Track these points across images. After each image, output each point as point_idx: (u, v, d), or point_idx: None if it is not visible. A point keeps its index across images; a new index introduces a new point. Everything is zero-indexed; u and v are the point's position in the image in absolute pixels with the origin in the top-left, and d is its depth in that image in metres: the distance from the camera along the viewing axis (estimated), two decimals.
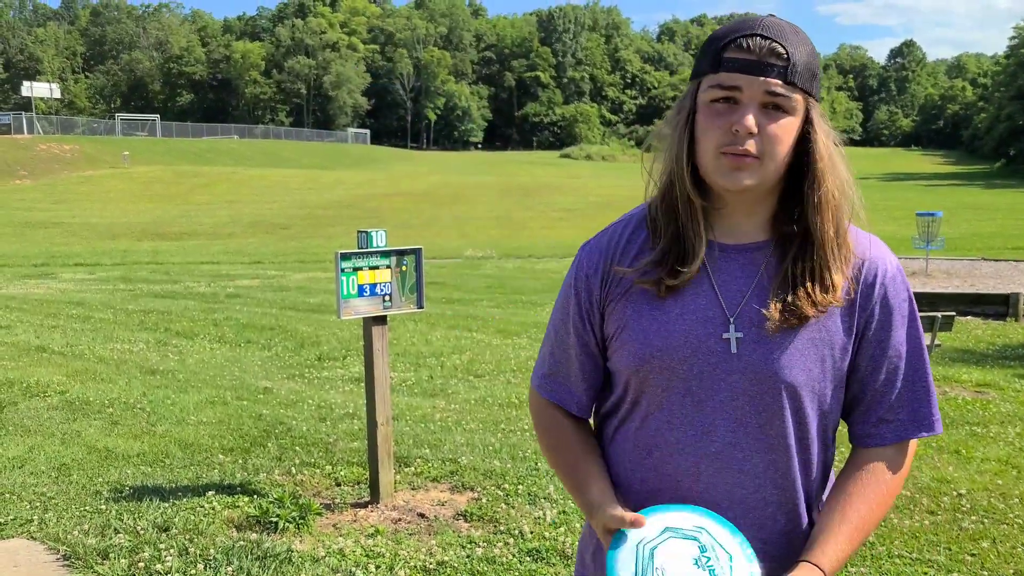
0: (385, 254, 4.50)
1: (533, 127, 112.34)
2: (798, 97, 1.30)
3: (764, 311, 1.33)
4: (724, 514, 1.35)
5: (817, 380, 1.36)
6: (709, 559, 1.27)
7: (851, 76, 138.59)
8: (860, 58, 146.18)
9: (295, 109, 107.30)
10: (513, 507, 4.51)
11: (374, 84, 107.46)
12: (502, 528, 4.23)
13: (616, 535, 1.31)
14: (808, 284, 1.33)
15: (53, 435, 5.92)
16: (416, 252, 4.62)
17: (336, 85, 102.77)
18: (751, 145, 1.28)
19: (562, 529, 4.20)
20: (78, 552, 3.94)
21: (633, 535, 1.29)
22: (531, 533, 4.16)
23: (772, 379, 1.34)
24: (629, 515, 1.31)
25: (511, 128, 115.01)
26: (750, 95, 1.28)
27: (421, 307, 4.67)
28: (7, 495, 4.72)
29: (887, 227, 30.59)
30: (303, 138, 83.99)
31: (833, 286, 1.34)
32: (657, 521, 1.31)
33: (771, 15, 1.35)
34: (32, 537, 4.18)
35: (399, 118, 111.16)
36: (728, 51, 1.30)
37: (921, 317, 5.99)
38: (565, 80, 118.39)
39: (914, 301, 1.41)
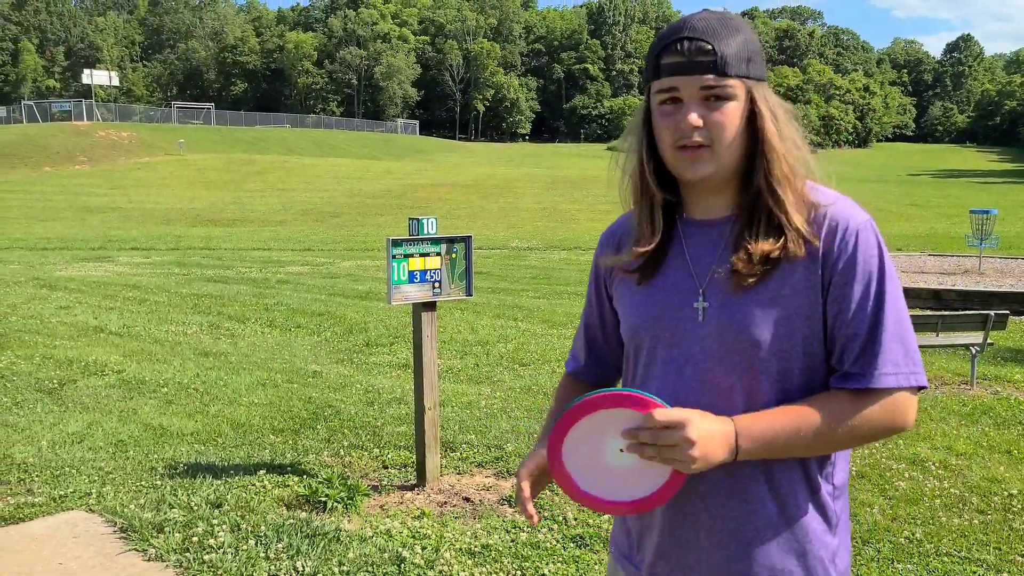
0: (435, 241, 4.55)
1: (581, 119, 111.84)
2: (734, 83, 1.41)
3: (719, 277, 1.45)
4: (707, 476, 1.42)
5: (786, 337, 1.40)
6: None
7: (905, 71, 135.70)
8: (915, 52, 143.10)
9: (346, 99, 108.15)
10: (557, 494, 4.55)
11: (424, 75, 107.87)
12: (546, 514, 4.28)
13: None
14: (748, 245, 1.42)
15: (111, 412, 6.09)
16: (465, 240, 4.67)
17: (387, 76, 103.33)
18: (700, 137, 1.41)
19: (606, 516, 4.23)
20: (134, 525, 4.06)
21: None
22: (575, 520, 4.20)
23: (737, 340, 1.41)
24: (530, 508, 1.49)
25: (559, 120, 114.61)
26: (688, 93, 1.41)
27: (470, 294, 4.72)
28: (67, 469, 4.88)
29: (939, 224, 29.98)
30: (353, 128, 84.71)
31: (777, 238, 1.41)
32: None
33: (705, 9, 1.47)
34: (91, 510, 4.32)
35: (448, 109, 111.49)
36: (663, 57, 1.43)
37: (974, 315, 5.83)
38: (614, 73, 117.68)
39: (886, 258, 1.40)
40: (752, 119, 1.43)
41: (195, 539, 3.90)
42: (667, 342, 1.47)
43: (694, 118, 1.40)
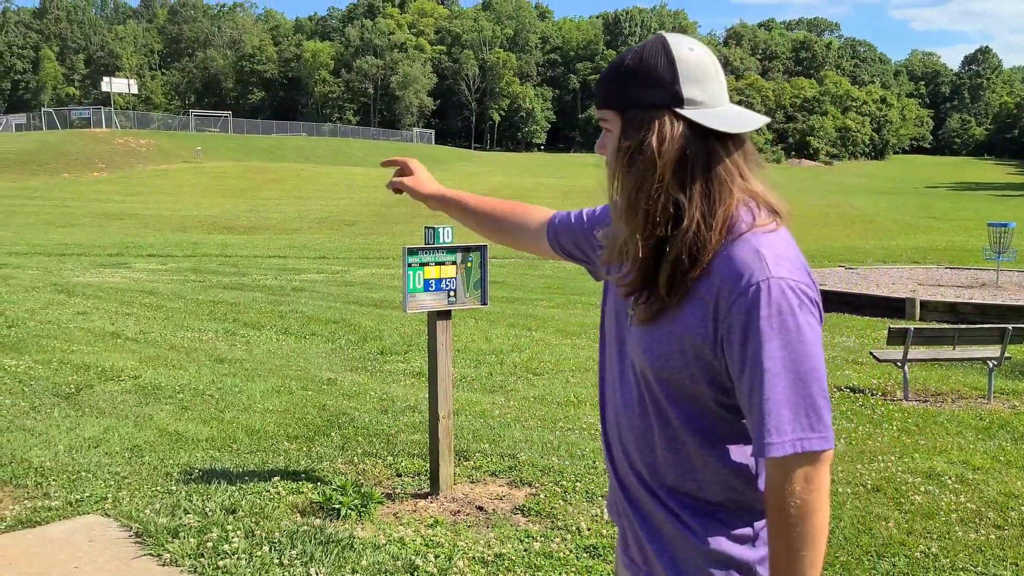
0: (451, 250, 4.57)
1: (596, 129, 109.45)
2: (608, 114, 1.47)
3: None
4: (626, 459, 1.52)
5: (674, 370, 1.40)
6: None
7: (923, 83, 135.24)
8: (932, 64, 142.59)
9: (362, 108, 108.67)
10: (571, 504, 4.55)
11: (440, 85, 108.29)
12: (559, 524, 4.27)
13: None
14: None
15: (127, 417, 6.13)
16: (481, 249, 4.68)
17: (403, 85, 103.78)
18: (607, 163, 1.49)
19: None
20: (150, 530, 4.08)
21: None
22: (588, 530, 4.19)
23: (636, 357, 1.47)
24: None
25: (574, 130, 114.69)
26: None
27: (485, 303, 4.72)
28: (84, 473, 4.91)
29: (957, 237, 29.81)
30: (369, 137, 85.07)
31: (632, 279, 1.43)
32: None
33: (637, 46, 1.47)
34: (106, 514, 4.35)
35: (463, 119, 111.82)
36: None
37: (991, 329, 5.80)
38: None
39: (776, 325, 1.31)
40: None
41: (209, 544, 3.91)
42: (620, 337, 1.55)
43: (595, 147, 1.52)
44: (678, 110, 1.39)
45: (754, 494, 1.44)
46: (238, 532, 4.04)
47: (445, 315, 4.63)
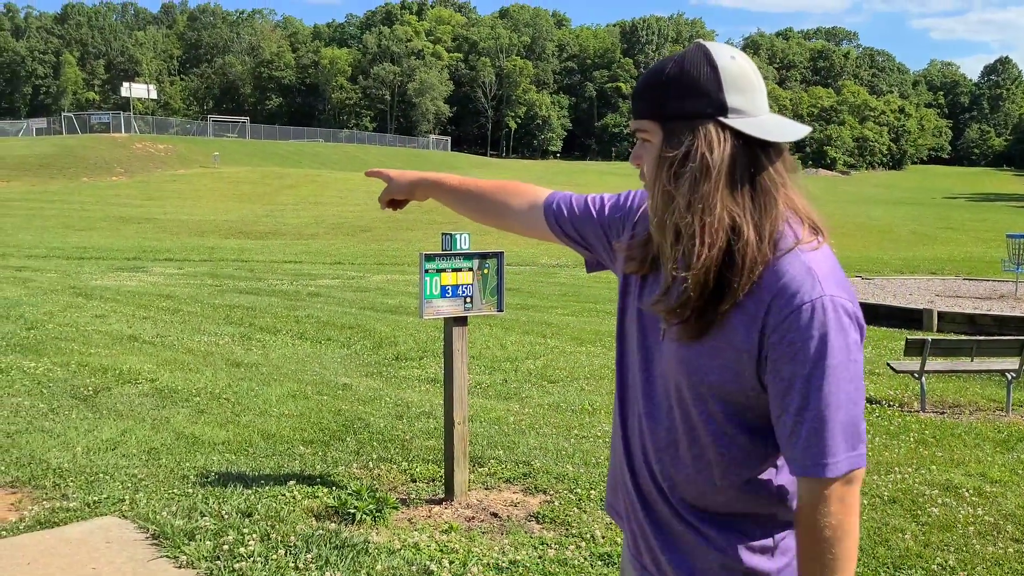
0: (468, 256, 4.58)
1: (612, 137, 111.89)
2: (648, 125, 1.41)
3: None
4: (647, 468, 1.51)
5: (711, 386, 1.38)
6: None
7: (941, 93, 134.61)
8: (951, 74, 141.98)
9: (379, 115, 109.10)
10: (585, 511, 4.54)
11: (456, 92, 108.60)
12: (574, 531, 4.27)
13: None
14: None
15: (144, 420, 6.17)
16: (498, 256, 4.70)
17: (420, 92, 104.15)
18: (644, 175, 1.46)
19: None
20: (166, 532, 4.11)
21: None
22: (603, 538, 4.18)
23: (670, 370, 1.45)
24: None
25: (590, 138, 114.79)
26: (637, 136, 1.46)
27: (501, 310, 4.73)
28: (101, 475, 4.94)
29: (975, 248, 29.61)
30: (386, 143, 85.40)
31: (666, 292, 1.40)
32: None
33: (676, 54, 1.42)
34: (124, 516, 4.37)
35: (480, 126, 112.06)
36: None
37: (1010, 341, 5.75)
38: None
39: (832, 338, 1.29)
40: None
41: (226, 547, 3.93)
42: (646, 344, 1.51)
43: (631, 157, 1.48)
44: (723, 119, 1.36)
45: (777, 507, 1.43)
46: (254, 535, 4.06)
47: (461, 321, 4.65)
